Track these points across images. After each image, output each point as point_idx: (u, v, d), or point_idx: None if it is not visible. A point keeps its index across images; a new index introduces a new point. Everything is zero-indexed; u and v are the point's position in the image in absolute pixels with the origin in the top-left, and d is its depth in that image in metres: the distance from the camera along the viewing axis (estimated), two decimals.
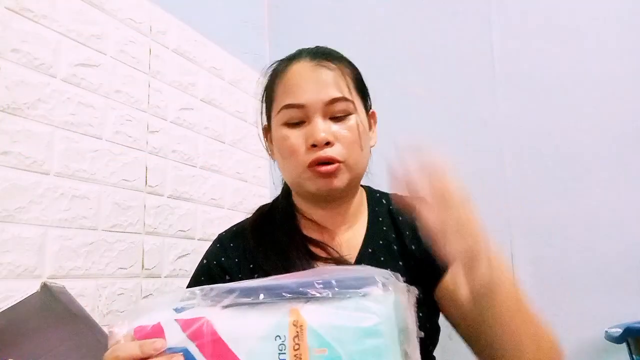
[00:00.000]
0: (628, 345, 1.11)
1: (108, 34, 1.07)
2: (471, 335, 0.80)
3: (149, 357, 0.51)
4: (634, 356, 1.10)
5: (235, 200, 1.46)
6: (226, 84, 1.48)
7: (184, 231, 1.24)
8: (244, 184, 1.51)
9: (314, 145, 0.80)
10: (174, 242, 1.20)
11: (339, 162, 0.80)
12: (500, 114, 1.42)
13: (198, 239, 1.28)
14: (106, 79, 1.05)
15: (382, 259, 0.85)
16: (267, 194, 1.62)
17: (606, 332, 1.14)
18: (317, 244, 0.86)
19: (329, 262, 0.84)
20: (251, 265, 0.86)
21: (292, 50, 0.94)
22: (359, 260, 0.84)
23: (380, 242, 0.87)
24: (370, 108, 0.92)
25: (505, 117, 1.41)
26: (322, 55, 0.85)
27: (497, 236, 1.45)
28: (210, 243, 0.94)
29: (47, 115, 0.92)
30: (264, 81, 0.92)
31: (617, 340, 1.11)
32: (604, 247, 1.27)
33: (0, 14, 0.86)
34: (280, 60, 0.91)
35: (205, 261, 0.90)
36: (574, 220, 1.31)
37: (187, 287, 0.89)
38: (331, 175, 0.80)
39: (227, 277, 0.86)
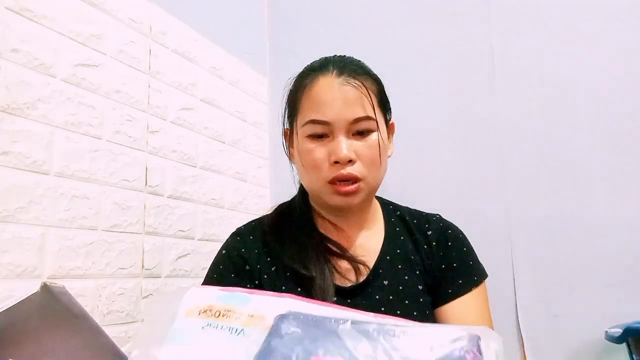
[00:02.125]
0: (628, 345, 1.11)
1: (108, 34, 1.07)
2: None
3: None
4: (634, 356, 1.10)
5: (235, 200, 1.46)
6: (226, 84, 1.48)
7: (184, 231, 1.24)
8: (244, 184, 1.51)
9: (336, 162, 0.83)
10: (174, 242, 1.20)
11: (359, 180, 0.84)
12: (500, 114, 1.42)
13: (198, 239, 1.28)
14: (106, 79, 1.05)
15: (400, 266, 0.89)
16: (267, 194, 1.62)
17: (606, 332, 1.14)
18: (333, 242, 0.90)
19: (344, 260, 0.87)
20: (269, 259, 0.89)
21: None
22: (377, 267, 0.88)
23: (398, 250, 0.90)
24: (390, 119, 0.95)
25: (505, 117, 1.41)
26: (349, 71, 0.87)
27: (497, 236, 1.46)
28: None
29: (47, 115, 0.92)
30: (290, 88, 0.93)
31: (617, 340, 1.11)
32: (604, 247, 1.27)
33: (0, 14, 0.86)
34: (307, 69, 0.92)
35: (224, 251, 0.92)
36: (574, 220, 1.31)
37: (207, 276, 0.91)
38: (352, 194, 0.84)
39: (247, 267, 0.89)
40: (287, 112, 0.95)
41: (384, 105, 0.91)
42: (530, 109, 1.39)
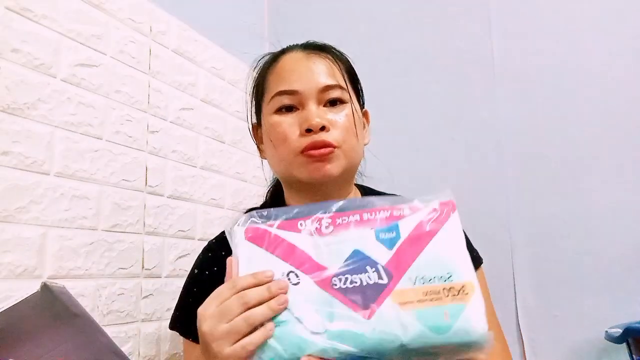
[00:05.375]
0: (628, 345, 1.11)
1: (108, 34, 1.07)
2: None
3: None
4: (634, 356, 1.10)
5: (235, 200, 1.46)
6: (226, 84, 1.48)
7: (184, 231, 1.24)
8: (244, 184, 1.51)
9: (308, 131, 0.77)
10: (174, 242, 1.20)
11: (334, 146, 0.77)
12: (500, 114, 1.42)
13: (198, 239, 1.28)
14: (106, 79, 1.05)
15: None
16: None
17: (606, 332, 1.14)
18: None
19: None
20: None
21: None
22: None
23: None
24: (363, 106, 0.90)
25: (505, 117, 1.41)
26: (314, 47, 0.84)
27: (497, 236, 1.46)
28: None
29: (47, 115, 0.92)
30: (252, 77, 0.89)
31: (617, 340, 1.11)
32: (604, 247, 1.27)
33: (1, 14, 0.86)
34: (270, 53, 0.89)
35: (196, 271, 0.87)
36: (574, 220, 1.31)
37: (181, 297, 0.88)
38: (325, 159, 0.77)
39: None
40: (253, 103, 0.89)
41: (355, 85, 0.86)
42: (530, 109, 1.39)
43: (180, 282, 1.21)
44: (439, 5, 1.54)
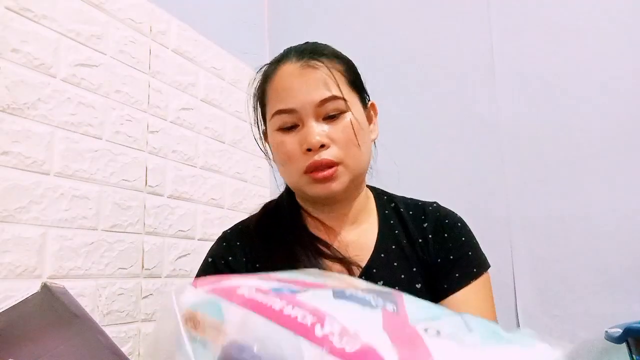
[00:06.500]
0: (628, 345, 1.11)
1: (108, 34, 1.07)
2: None
3: None
4: (634, 356, 1.10)
5: (235, 200, 1.46)
6: (226, 84, 1.48)
7: (184, 231, 1.24)
8: (244, 184, 1.51)
9: (309, 150, 0.78)
10: (174, 242, 1.20)
11: (336, 164, 0.79)
12: (500, 114, 1.42)
13: (198, 239, 1.28)
14: (106, 79, 1.05)
15: (395, 264, 0.84)
16: (267, 194, 1.62)
17: (606, 332, 1.14)
18: (324, 243, 0.85)
19: (336, 262, 0.82)
20: (257, 265, 0.85)
21: None
22: (370, 267, 0.83)
23: (393, 246, 0.85)
24: (369, 100, 0.90)
25: (505, 117, 1.41)
26: (310, 53, 0.83)
27: (497, 236, 1.46)
28: (214, 242, 0.92)
29: (47, 115, 0.92)
30: (256, 85, 0.90)
31: (617, 340, 1.10)
32: (604, 247, 1.27)
33: (0, 14, 0.86)
34: (270, 62, 0.89)
35: (210, 259, 0.88)
36: (574, 220, 1.31)
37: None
38: (329, 179, 0.79)
39: None
40: (259, 111, 0.91)
41: (356, 83, 0.86)
42: (530, 109, 1.39)
43: (180, 282, 1.21)
44: (439, 5, 1.54)
